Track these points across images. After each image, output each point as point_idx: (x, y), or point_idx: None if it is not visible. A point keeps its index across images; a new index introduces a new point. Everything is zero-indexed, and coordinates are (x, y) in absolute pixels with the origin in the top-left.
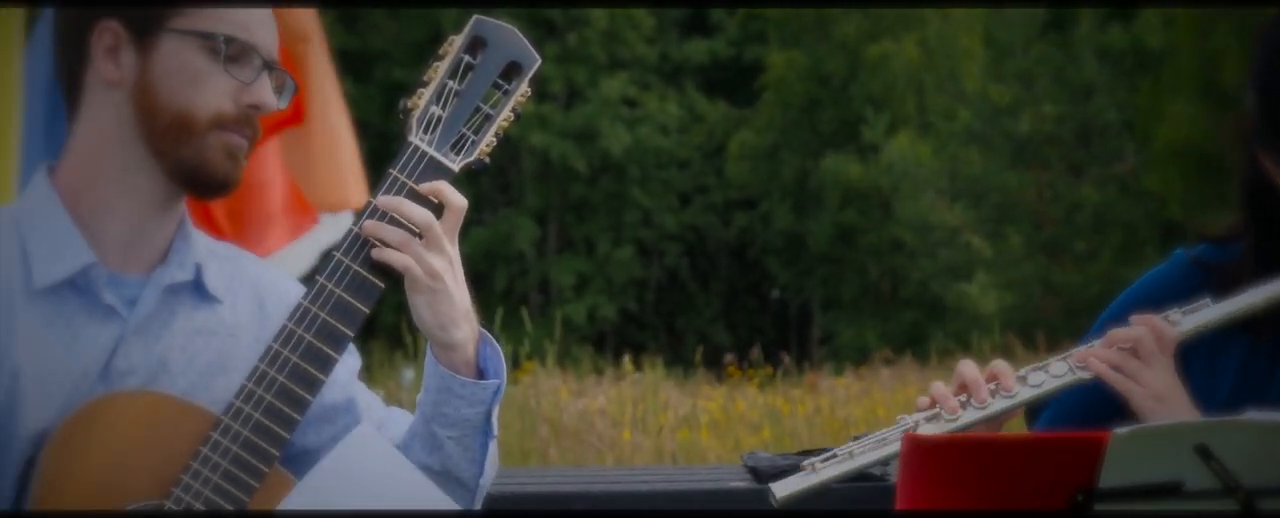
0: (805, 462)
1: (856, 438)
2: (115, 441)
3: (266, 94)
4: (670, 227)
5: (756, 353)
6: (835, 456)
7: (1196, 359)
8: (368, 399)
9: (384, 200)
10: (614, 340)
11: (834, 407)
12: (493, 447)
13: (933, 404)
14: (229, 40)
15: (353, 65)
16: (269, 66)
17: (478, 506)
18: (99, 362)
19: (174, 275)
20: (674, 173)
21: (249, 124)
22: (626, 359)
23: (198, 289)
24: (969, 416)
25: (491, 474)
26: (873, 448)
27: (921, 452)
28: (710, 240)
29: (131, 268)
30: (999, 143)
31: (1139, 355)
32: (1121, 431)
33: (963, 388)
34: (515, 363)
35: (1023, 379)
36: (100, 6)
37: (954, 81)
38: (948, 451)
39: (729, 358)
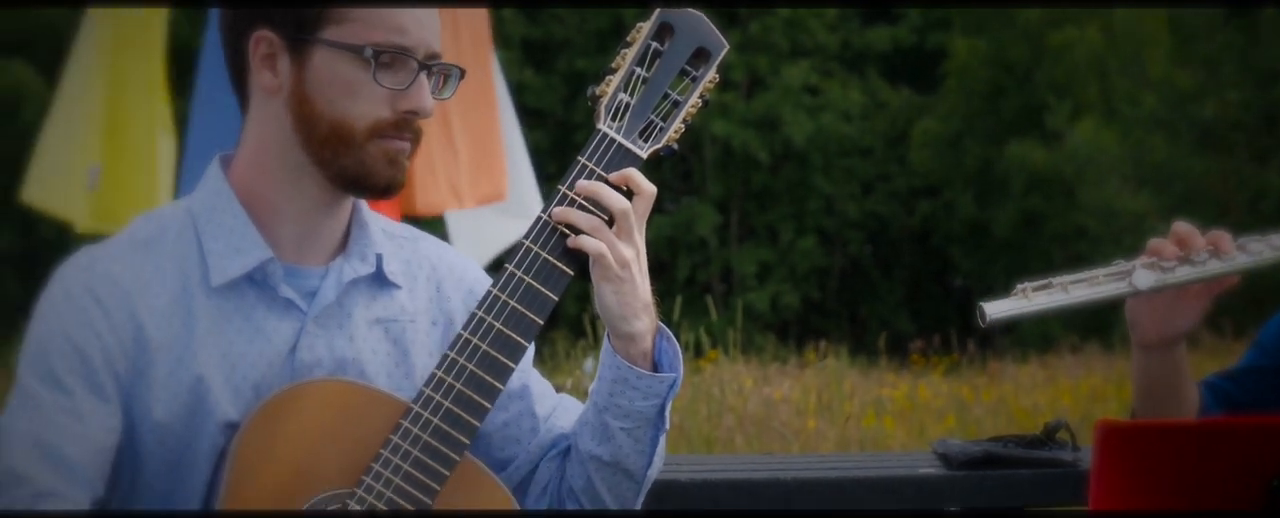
0: (1020, 287)
1: (1069, 275)
2: (305, 429)
3: (423, 99)
4: (853, 215)
5: (940, 341)
6: (1050, 285)
7: None
8: (541, 387)
9: (582, 186)
10: (797, 329)
11: (1018, 394)
12: (661, 439)
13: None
14: (380, 51)
15: (535, 55)
16: (426, 67)
17: (642, 498)
18: (282, 353)
19: (356, 269)
20: (856, 160)
21: (409, 128)
22: (810, 348)
23: (378, 278)
24: (1184, 272)
25: (658, 466)
26: (1085, 287)
27: (1115, 437)
28: (893, 228)
29: (308, 260)
30: (1183, 129)
31: None
32: None
33: (1180, 242)
34: (698, 351)
35: (1242, 247)
36: (255, 9)
37: (1138, 67)
38: (1141, 436)
39: (913, 346)
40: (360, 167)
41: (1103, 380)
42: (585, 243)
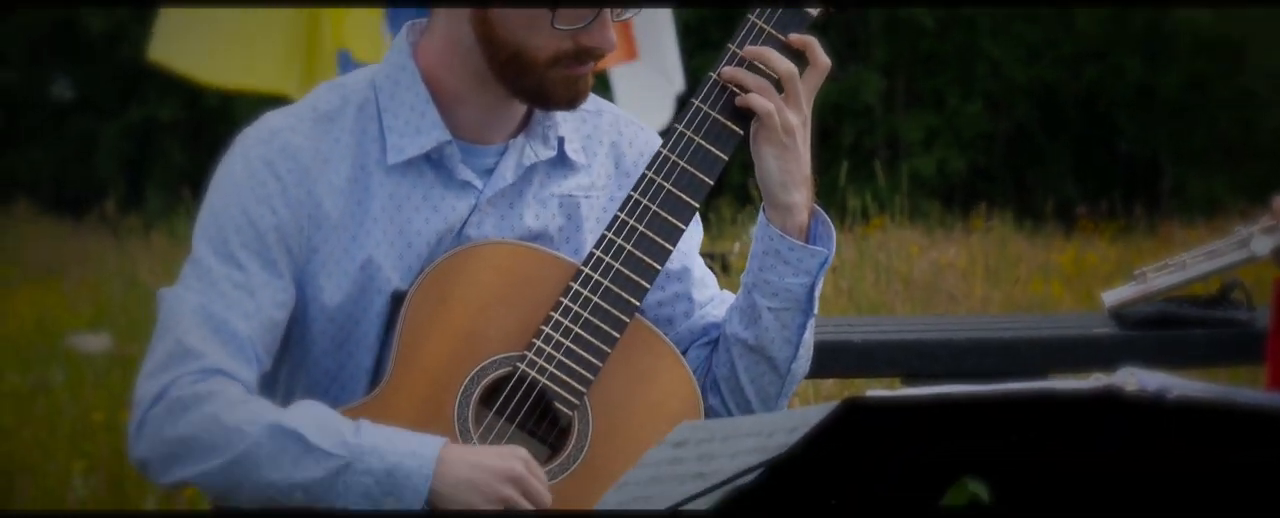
0: (1139, 271)
1: (1190, 252)
2: (475, 290)
3: (605, 36)
4: (1019, 79)
5: (1106, 206)
6: (1167, 265)
7: None
8: (703, 273)
9: (750, 50)
10: (962, 194)
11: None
12: (809, 332)
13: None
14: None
15: None
16: (609, 3)
17: (787, 397)
18: (453, 229)
19: (537, 153)
20: (1023, 25)
21: (590, 56)
22: (975, 213)
23: (559, 159)
24: None
25: (805, 365)
26: (1204, 260)
27: None
28: (1060, 93)
29: (489, 138)
30: None
31: None
32: None
33: None
34: (864, 217)
35: None
36: None
37: None
38: None
39: (1080, 211)
40: (540, 89)
41: None
42: (753, 101)
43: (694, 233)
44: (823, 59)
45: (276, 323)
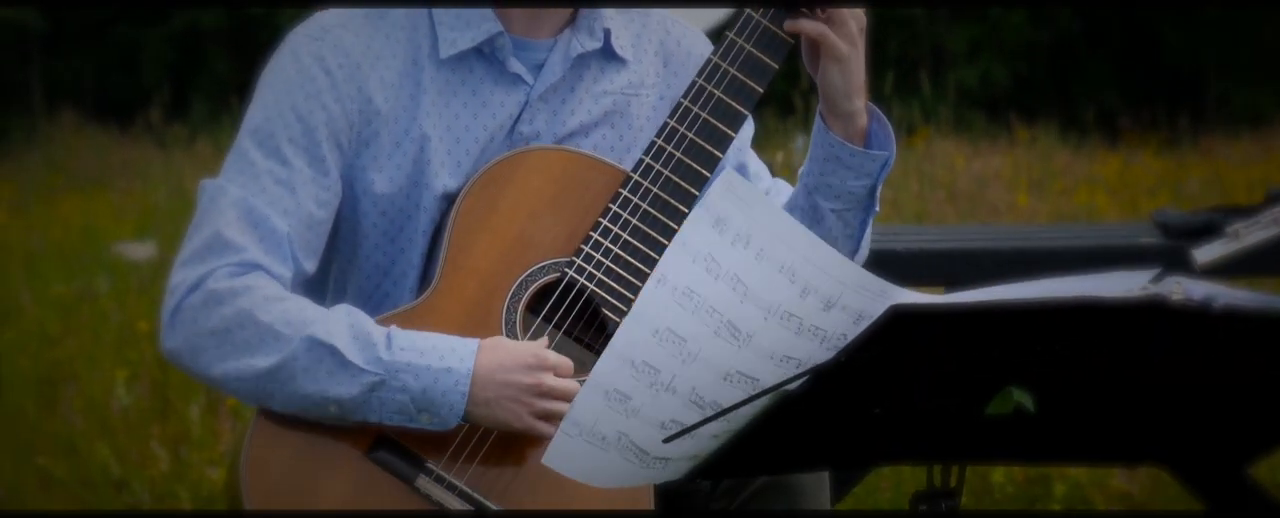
0: (1228, 227)
1: (1275, 204)
2: (525, 195)
3: None
4: None
5: (1150, 117)
6: (1258, 221)
7: None
8: (758, 167)
9: None
10: (1006, 105)
11: (1232, 169)
12: (870, 223)
13: None
14: None
15: None
16: None
17: None
18: (504, 127)
19: (584, 44)
20: None
21: None
22: (1020, 124)
23: (606, 52)
24: None
25: (865, 252)
26: None
27: None
28: (1103, 3)
29: (538, 32)
30: None
31: None
32: None
33: None
34: (910, 129)
35: None
36: None
37: None
38: None
39: (1123, 122)
40: None
41: None
42: (805, 26)
43: (746, 129)
44: (853, 16)
45: (317, 221)
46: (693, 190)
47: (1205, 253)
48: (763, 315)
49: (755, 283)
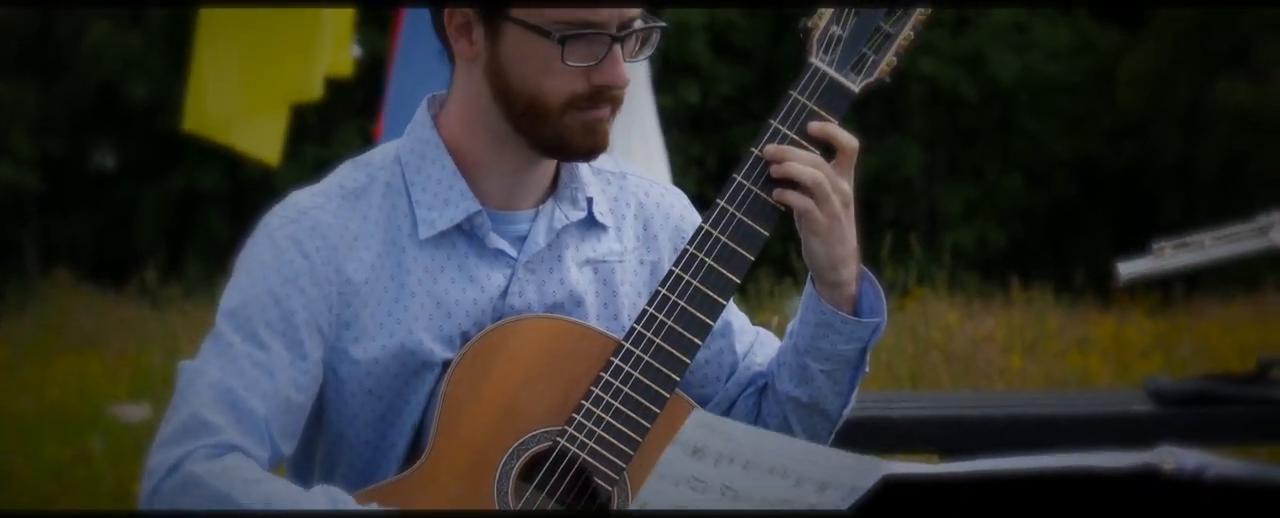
0: (1157, 245)
1: (1208, 232)
2: (515, 367)
3: (616, 73)
4: (1059, 153)
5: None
6: (1187, 244)
7: None
8: (740, 322)
9: (770, 150)
10: (1002, 267)
11: (1225, 333)
12: (860, 380)
13: None
14: (567, 34)
15: None
16: (620, 38)
17: (833, 435)
18: (493, 299)
19: (567, 214)
20: (1063, 99)
21: (605, 98)
22: (1015, 286)
23: (588, 220)
24: None
25: (853, 404)
26: (1223, 243)
27: None
28: (1099, 167)
29: (518, 204)
30: None
31: None
32: None
33: None
34: (903, 290)
35: None
36: None
37: None
38: None
39: (1115, 284)
40: (558, 138)
41: None
42: (790, 198)
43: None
44: (848, 141)
45: (296, 405)
46: (685, 358)
47: (1127, 267)
48: (758, 505)
49: (746, 487)
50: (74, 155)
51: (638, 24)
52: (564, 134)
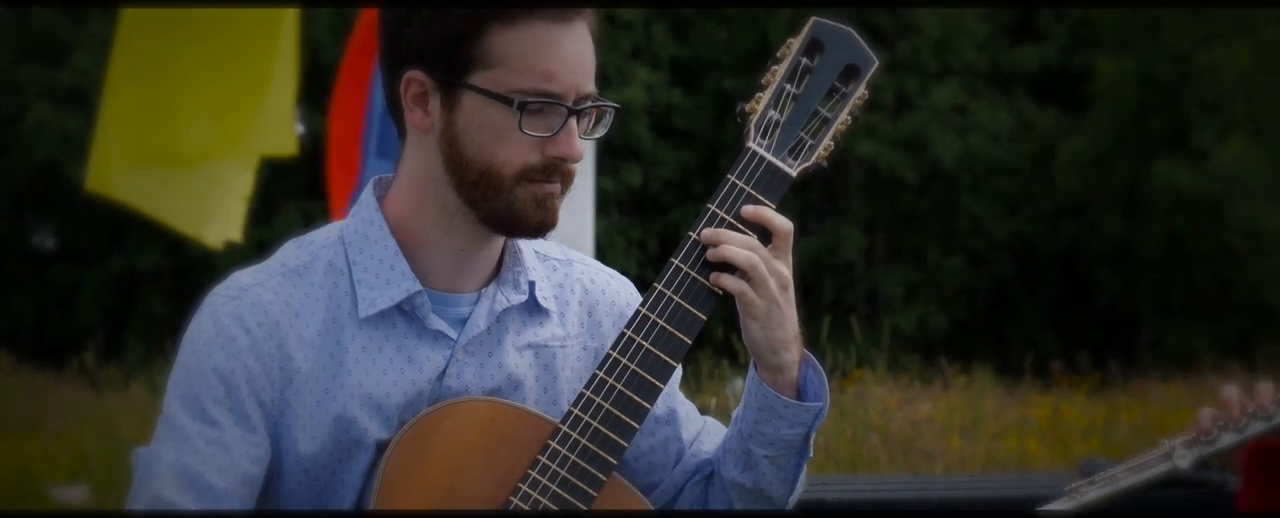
0: (1071, 486)
1: (1123, 463)
2: (454, 447)
3: (571, 145)
4: (999, 235)
5: (1083, 360)
6: (1095, 481)
7: None
8: (687, 410)
9: (706, 233)
10: (943, 349)
11: (1164, 414)
12: (805, 466)
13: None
14: (527, 101)
15: (683, 75)
16: (576, 112)
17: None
18: (432, 381)
19: (509, 298)
20: (1003, 181)
21: (558, 171)
22: (955, 368)
23: (530, 305)
24: (1226, 439)
25: (800, 492)
26: (1131, 473)
27: (1265, 458)
28: (1039, 248)
29: (461, 286)
30: None
31: None
32: None
33: (1222, 410)
34: (844, 372)
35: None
36: (408, 47)
37: None
38: None
39: (1054, 366)
40: (509, 210)
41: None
42: (726, 282)
43: (675, 372)
44: (782, 225)
45: (252, 477)
46: (622, 442)
47: (1048, 512)
48: None
49: None
50: (13, 236)
51: (591, 102)
52: (516, 206)
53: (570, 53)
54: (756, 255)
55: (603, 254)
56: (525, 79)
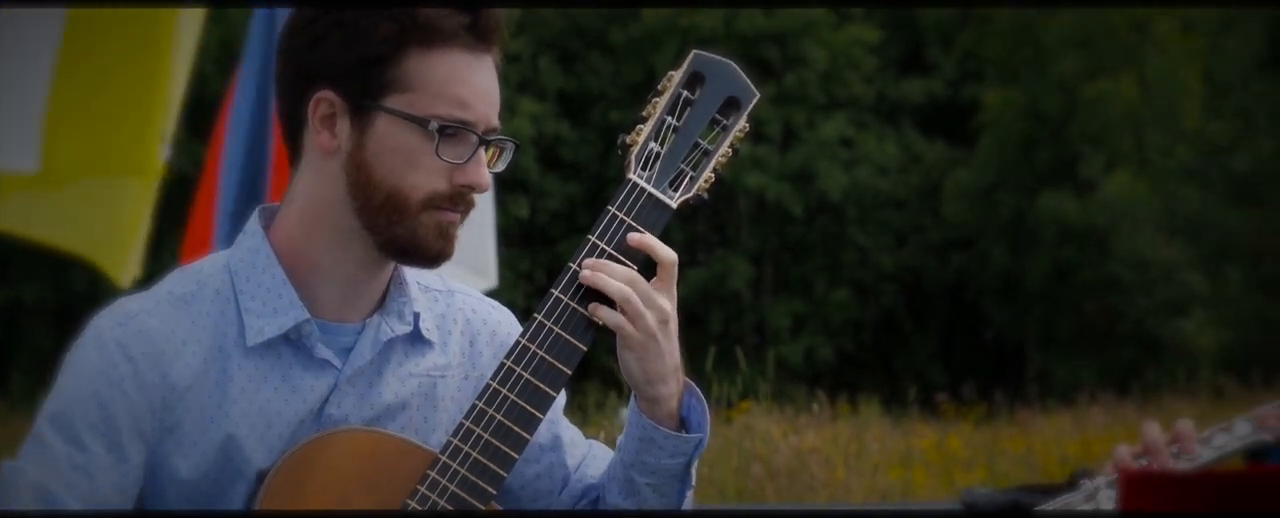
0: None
1: (1046, 507)
2: (334, 478)
3: (481, 174)
4: (886, 267)
5: (970, 390)
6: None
7: None
8: (571, 436)
9: (586, 276)
10: (830, 381)
11: (1047, 445)
12: (688, 495)
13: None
14: (444, 125)
15: (569, 108)
16: (485, 142)
17: None
18: (314, 410)
19: (393, 328)
20: (891, 213)
21: (463, 200)
22: (842, 399)
23: (414, 335)
24: None
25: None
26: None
27: (1140, 486)
28: (926, 280)
29: (348, 316)
30: (1217, 180)
31: None
32: None
33: (1146, 451)
34: (729, 403)
35: (1206, 442)
36: (320, 67)
37: (1172, 119)
38: (1166, 485)
39: (939, 398)
40: (412, 237)
41: (1131, 429)
42: (603, 314)
43: (558, 399)
44: (665, 254)
45: (114, 506)
46: (501, 472)
47: None
48: None
49: None
50: None
51: (498, 135)
52: (419, 233)
53: (484, 84)
54: (632, 289)
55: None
56: (442, 105)
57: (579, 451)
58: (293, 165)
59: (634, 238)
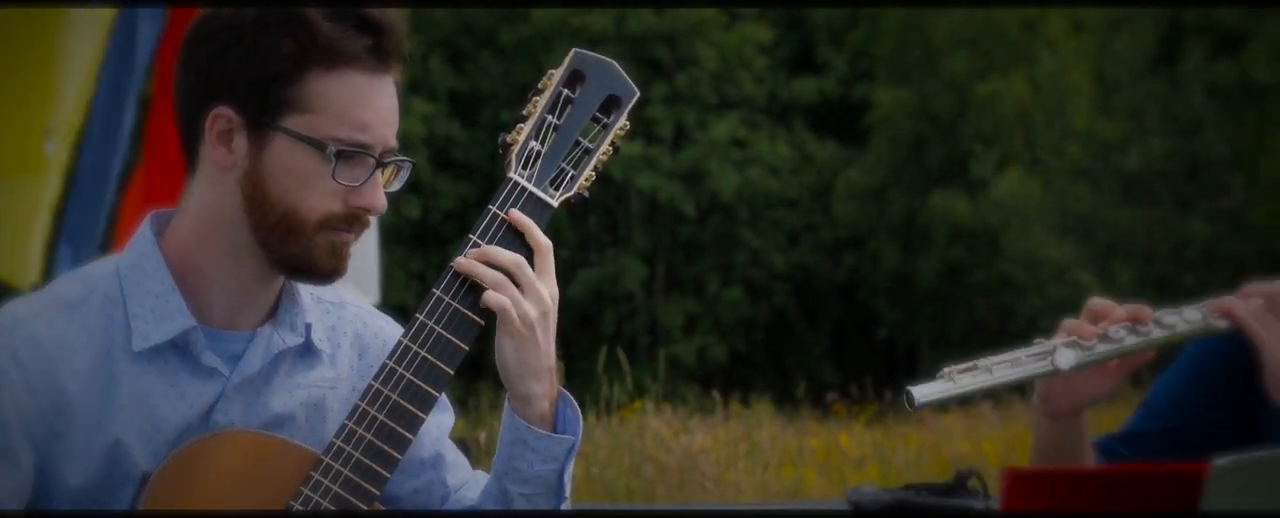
0: (945, 370)
1: (993, 357)
2: (216, 479)
3: (377, 197)
4: (778, 267)
5: (861, 390)
6: (975, 368)
7: None
8: (455, 457)
9: (471, 253)
10: (722, 380)
11: (939, 444)
12: (564, 507)
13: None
14: (342, 149)
15: (460, 108)
16: (382, 164)
17: None
18: (201, 416)
19: (284, 339)
20: (783, 213)
21: (358, 221)
22: (734, 398)
23: (305, 347)
24: (1103, 348)
25: None
26: (1008, 367)
27: (1023, 484)
28: (818, 280)
29: (238, 324)
30: (1107, 178)
31: (1277, 310)
32: (1222, 461)
33: (1096, 317)
34: (619, 403)
35: (1158, 320)
36: (219, 83)
37: (1063, 118)
38: (1049, 483)
39: (830, 397)
40: (305, 256)
41: (1024, 429)
42: (489, 298)
43: (445, 418)
44: (541, 240)
45: (5, 512)
46: (384, 472)
47: (921, 391)
48: None
49: None
50: None
51: (395, 156)
52: (313, 253)
53: (384, 105)
54: (518, 271)
55: (382, 287)
56: (341, 128)
57: (462, 473)
58: (188, 173)
59: (513, 215)
